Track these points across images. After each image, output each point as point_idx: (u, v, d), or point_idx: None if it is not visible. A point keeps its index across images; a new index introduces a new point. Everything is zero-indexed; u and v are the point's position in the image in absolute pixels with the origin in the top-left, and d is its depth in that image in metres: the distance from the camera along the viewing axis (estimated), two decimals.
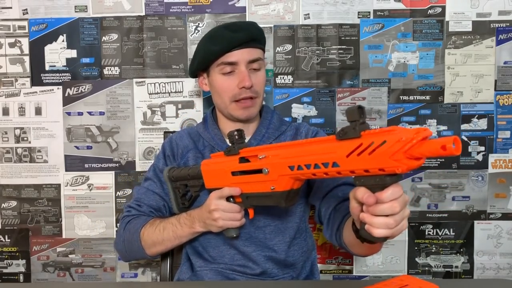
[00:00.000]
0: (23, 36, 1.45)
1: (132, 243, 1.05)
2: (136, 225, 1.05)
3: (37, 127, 1.47)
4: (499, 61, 1.43)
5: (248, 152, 0.85)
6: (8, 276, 1.52)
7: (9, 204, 1.49)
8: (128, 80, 1.46)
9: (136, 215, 1.08)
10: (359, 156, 0.60)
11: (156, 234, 1.02)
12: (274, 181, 0.78)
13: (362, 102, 1.45)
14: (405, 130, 0.57)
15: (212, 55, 1.04)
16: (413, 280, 0.78)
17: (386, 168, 0.58)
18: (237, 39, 1.01)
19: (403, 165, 0.57)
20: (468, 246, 1.47)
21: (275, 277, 1.05)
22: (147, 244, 1.03)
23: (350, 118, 0.62)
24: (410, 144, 0.55)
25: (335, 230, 0.95)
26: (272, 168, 0.77)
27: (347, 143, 0.62)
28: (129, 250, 1.07)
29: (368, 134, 0.61)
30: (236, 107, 1.06)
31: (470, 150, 1.45)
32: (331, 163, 0.64)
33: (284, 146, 0.77)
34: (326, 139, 0.68)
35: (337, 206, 0.98)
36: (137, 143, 1.47)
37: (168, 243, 1.02)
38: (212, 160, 0.95)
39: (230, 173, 0.88)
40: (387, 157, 0.57)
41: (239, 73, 1.03)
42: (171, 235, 1.01)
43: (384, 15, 1.42)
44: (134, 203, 1.11)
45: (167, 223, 1.02)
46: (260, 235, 1.04)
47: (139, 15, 1.44)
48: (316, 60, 1.44)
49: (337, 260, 1.49)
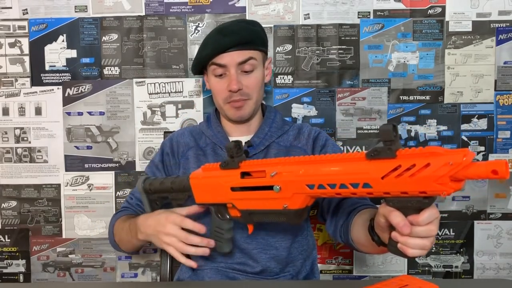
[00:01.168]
0: (23, 36, 1.45)
1: (110, 237, 1.12)
2: (114, 219, 1.11)
3: (37, 127, 1.47)
4: (499, 61, 1.43)
5: (251, 166, 0.79)
6: (8, 276, 1.52)
7: (9, 204, 1.49)
8: (128, 80, 1.46)
9: (125, 207, 1.14)
10: (398, 178, 0.57)
11: (118, 232, 1.08)
12: (288, 199, 0.72)
13: (362, 102, 1.45)
14: (450, 152, 0.54)
15: (203, 58, 1.07)
16: (413, 280, 0.78)
17: (429, 191, 0.56)
18: (225, 43, 1.02)
19: (449, 189, 0.54)
20: (468, 246, 1.47)
21: (275, 275, 1.05)
22: (117, 240, 1.09)
23: (384, 137, 0.58)
24: (459, 168, 0.53)
25: (339, 226, 0.96)
26: (286, 185, 0.72)
27: (381, 164, 0.59)
28: (110, 242, 1.13)
29: (406, 155, 0.57)
30: (229, 107, 1.08)
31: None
32: (362, 184, 0.61)
33: (298, 162, 0.71)
34: (353, 157, 0.64)
35: (340, 203, 0.98)
36: (137, 143, 1.47)
37: (127, 244, 1.07)
38: (204, 174, 0.87)
39: (229, 188, 0.81)
40: (432, 181, 0.54)
41: (228, 76, 1.05)
42: (125, 237, 1.05)
43: (384, 15, 1.42)
44: (129, 196, 1.17)
45: (125, 224, 1.04)
46: (262, 232, 1.04)
47: (139, 15, 1.44)
48: (316, 60, 1.44)
49: (337, 260, 1.49)
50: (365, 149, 1.45)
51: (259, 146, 1.08)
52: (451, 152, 0.54)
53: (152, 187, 0.97)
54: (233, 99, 1.05)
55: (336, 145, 1.14)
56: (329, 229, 1.02)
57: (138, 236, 0.96)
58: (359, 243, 0.88)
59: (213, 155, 1.09)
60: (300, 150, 1.08)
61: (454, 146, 1.45)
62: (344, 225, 0.94)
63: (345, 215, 0.95)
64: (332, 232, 1.01)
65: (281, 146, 1.09)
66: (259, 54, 1.08)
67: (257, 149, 1.07)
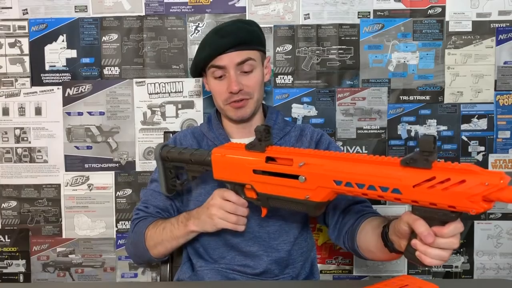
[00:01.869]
0: (23, 36, 1.45)
1: (138, 245, 1.06)
2: (142, 227, 1.05)
3: (37, 127, 1.47)
4: (499, 61, 1.43)
5: (277, 152, 0.80)
6: (8, 276, 1.52)
7: (9, 204, 1.49)
8: (128, 80, 1.46)
9: (143, 217, 1.09)
10: (430, 189, 0.58)
11: (157, 235, 1.02)
12: (311, 190, 0.73)
13: (362, 102, 1.45)
14: (487, 173, 0.55)
15: (202, 60, 1.06)
16: (413, 280, 0.78)
17: (459, 207, 0.56)
18: (223, 44, 1.02)
19: (479, 208, 0.55)
20: (468, 246, 1.47)
21: (275, 277, 1.05)
22: (150, 245, 1.04)
23: (423, 147, 0.58)
24: (494, 189, 0.53)
25: (344, 232, 0.95)
26: (312, 177, 0.72)
27: (415, 172, 0.59)
28: (137, 251, 1.08)
29: (442, 168, 0.58)
30: (230, 107, 1.07)
31: (470, 150, 1.45)
32: (391, 189, 0.61)
33: (328, 157, 0.72)
34: (387, 161, 0.64)
35: (346, 209, 0.97)
36: (137, 143, 1.47)
37: (167, 244, 1.02)
38: (228, 151, 0.88)
39: (251, 170, 0.82)
40: (464, 197, 0.55)
41: (228, 78, 1.04)
42: (169, 235, 1.01)
43: (384, 15, 1.42)
44: (142, 206, 1.11)
45: (167, 223, 1.02)
46: (264, 235, 1.04)
47: (139, 15, 1.44)
48: (316, 60, 1.44)
49: (337, 260, 1.49)
50: (365, 149, 1.45)
51: None
52: (488, 173, 0.55)
53: (170, 155, 0.98)
54: (233, 99, 1.05)
55: (339, 147, 1.14)
56: (332, 234, 1.02)
57: (190, 227, 0.96)
58: (367, 249, 0.88)
59: None
60: None
61: (454, 146, 1.45)
62: (350, 231, 0.94)
63: (351, 222, 0.95)
64: (336, 237, 1.00)
65: None
66: (257, 54, 1.08)
67: None
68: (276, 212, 1.04)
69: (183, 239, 1.01)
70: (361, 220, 0.92)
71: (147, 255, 1.05)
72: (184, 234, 0.99)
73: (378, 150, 1.45)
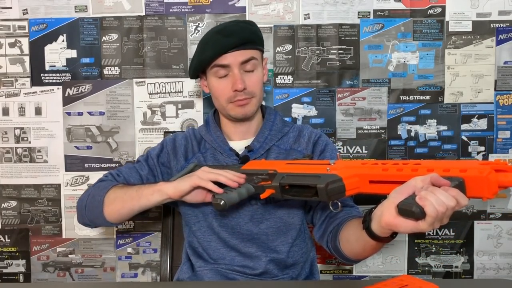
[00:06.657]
0: (23, 36, 1.45)
1: (94, 198, 1.02)
2: (109, 183, 1.04)
3: (37, 127, 1.47)
4: (499, 61, 1.43)
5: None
6: (8, 276, 1.52)
7: (9, 204, 1.49)
8: (128, 80, 1.46)
9: (111, 180, 1.07)
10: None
11: (121, 190, 1.00)
12: (337, 170, 0.77)
13: (362, 102, 1.45)
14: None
15: (205, 60, 1.05)
16: (413, 280, 0.78)
17: (469, 169, 0.63)
18: (229, 43, 1.02)
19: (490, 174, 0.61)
20: (468, 246, 1.47)
21: (275, 277, 1.05)
22: (109, 200, 1.00)
23: None
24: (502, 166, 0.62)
25: (328, 232, 0.97)
26: (342, 166, 0.79)
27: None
28: (90, 204, 1.03)
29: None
30: (233, 106, 1.07)
31: (470, 150, 1.45)
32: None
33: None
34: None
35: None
36: (137, 143, 1.47)
37: (127, 201, 0.98)
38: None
39: (285, 163, 0.91)
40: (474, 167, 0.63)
41: (232, 76, 1.04)
42: (134, 193, 0.97)
43: (384, 15, 1.42)
44: (114, 172, 1.10)
45: (136, 185, 1.02)
46: (262, 236, 1.05)
47: (139, 15, 1.44)
48: (316, 60, 1.44)
49: (337, 260, 1.49)
50: (365, 149, 1.45)
51: (259, 150, 1.08)
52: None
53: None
54: (237, 98, 1.05)
55: (335, 149, 1.14)
56: (316, 233, 1.03)
57: (159, 186, 0.96)
58: (347, 240, 0.89)
59: (213, 161, 1.09)
60: (300, 154, 1.08)
61: (454, 146, 1.45)
62: (334, 230, 0.95)
63: (337, 222, 0.96)
64: (319, 236, 1.02)
65: (281, 149, 1.09)
66: (258, 53, 1.09)
67: (257, 153, 1.07)
68: (274, 214, 1.04)
69: (145, 199, 0.96)
70: (347, 219, 0.93)
71: (99, 210, 1.00)
72: (150, 192, 0.96)
73: (378, 150, 1.45)
